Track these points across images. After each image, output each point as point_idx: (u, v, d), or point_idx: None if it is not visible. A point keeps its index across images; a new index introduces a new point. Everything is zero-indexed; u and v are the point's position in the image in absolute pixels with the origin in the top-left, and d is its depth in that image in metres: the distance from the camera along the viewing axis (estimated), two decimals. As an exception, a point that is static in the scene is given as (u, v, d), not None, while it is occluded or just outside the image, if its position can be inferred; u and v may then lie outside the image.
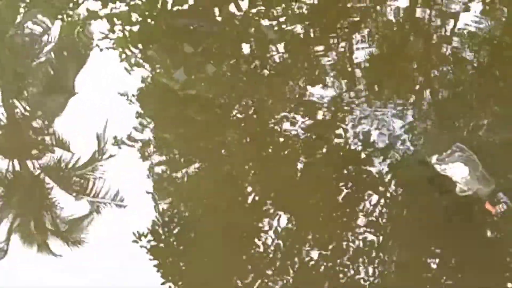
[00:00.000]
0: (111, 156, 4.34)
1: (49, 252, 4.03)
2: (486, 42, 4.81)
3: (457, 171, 3.94)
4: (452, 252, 3.81)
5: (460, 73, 4.63)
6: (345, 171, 4.13)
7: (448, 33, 4.91)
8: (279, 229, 3.95)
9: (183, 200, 4.14)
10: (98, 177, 4.28)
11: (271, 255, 3.89)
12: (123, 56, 4.82)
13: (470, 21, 4.93)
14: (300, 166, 4.20)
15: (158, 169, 4.28)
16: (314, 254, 3.87)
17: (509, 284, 3.69)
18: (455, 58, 4.71)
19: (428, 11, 5.09)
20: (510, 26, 4.93)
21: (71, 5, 5.17)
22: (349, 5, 5.09)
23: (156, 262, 3.95)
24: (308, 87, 4.58)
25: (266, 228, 3.97)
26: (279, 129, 4.36)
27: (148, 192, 4.16)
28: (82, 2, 5.20)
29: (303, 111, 4.43)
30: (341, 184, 4.07)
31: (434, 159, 4.01)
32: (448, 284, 3.73)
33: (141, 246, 3.99)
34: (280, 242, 3.93)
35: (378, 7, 5.12)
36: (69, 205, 4.23)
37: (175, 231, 4.02)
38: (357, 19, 5.02)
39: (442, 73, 4.65)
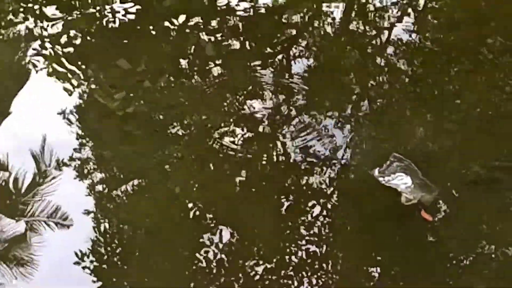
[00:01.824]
0: (53, 178, 4.27)
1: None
2: (419, 51, 4.93)
3: (401, 181, 4.00)
4: (394, 259, 3.85)
5: (395, 82, 4.73)
6: (286, 184, 4.15)
7: (382, 44, 5.01)
8: (221, 245, 3.94)
9: (125, 219, 4.10)
10: (39, 199, 4.20)
11: (214, 271, 3.87)
12: (59, 75, 4.78)
13: (403, 31, 5.05)
14: (241, 179, 4.20)
15: (98, 188, 4.22)
16: (259, 268, 3.87)
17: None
18: (390, 68, 4.81)
19: (362, 23, 5.18)
20: (439, 35, 5.06)
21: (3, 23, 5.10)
22: (284, 19, 5.15)
23: (100, 283, 3.89)
24: (247, 101, 4.60)
25: (208, 243, 3.95)
26: (219, 144, 4.36)
27: (89, 212, 4.10)
28: (20, 22, 5.14)
29: (243, 125, 4.44)
30: (282, 196, 4.09)
31: (376, 172, 4.07)
32: (390, 292, 3.78)
33: (84, 267, 3.93)
34: (223, 256, 3.91)
35: (314, 21, 5.19)
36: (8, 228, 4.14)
37: (118, 250, 3.97)
38: (294, 32, 5.08)
39: (378, 83, 4.73)
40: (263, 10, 5.28)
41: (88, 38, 5.07)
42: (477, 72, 4.76)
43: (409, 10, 5.31)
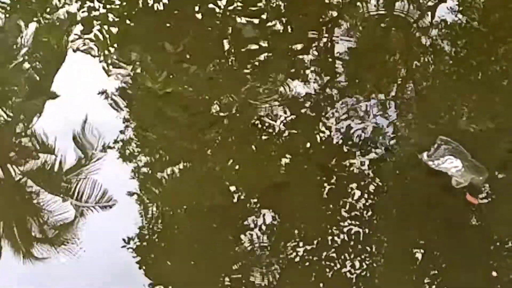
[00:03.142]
0: (98, 159, 4.33)
1: (35, 260, 4.01)
2: (464, 31, 4.86)
3: (451, 165, 3.97)
4: (437, 242, 3.83)
5: (440, 63, 4.67)
6: (329, 166, 4.14)
7: (427, 25, 4.95)
8: (264, 227, 3.96)
9: (167, 200, 4.14)
10: (84, 181, 4.26)
11: (258, 252, 3.90)
12: (102, 57, 4.82)
13: (447, 11, 4.98)
14: (284, 162, 4.21)
15: (142, 170, 4.27)
16: (300, 249, 3.89)
17: (493, 273, 3.72)
18: (434, 49, 4.75)
19: (406, 4, 5.11)
20: (485, 15, 4.98)
21: (48, 9, 5.15)
22: (328, 1, 5.12)
23: (139, 259, 3.94)
24: (289, 83, 4.59)
25: (252, 226, 3.98)
26: (261, 127, 4.37)
27: (132, 193, 4.15)
28: (62, 6, 5.18)
29: (285, 107, 4.44)
30: (325, 179, 4.09)
31: (425, 156, 4.03)
32: (434, 274, 3.76)
33: (128, 248, 3.99)
34: (266, 239, 3.93)
35: (358, 2, 5.15)
36: (56, 210, 4.21)
37: (159, 229, 4.01)
38: (336, 13, 5.05)
39: (422, 65, 4.68)
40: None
41: (132, 20, 5.11)
42: (525, 52, 4.69)
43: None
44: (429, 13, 5.03)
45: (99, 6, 5.11)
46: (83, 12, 5.10)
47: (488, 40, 4.78)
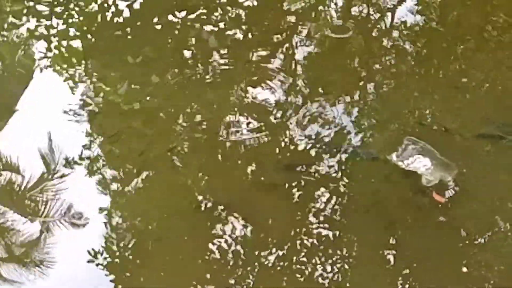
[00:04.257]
0: (63, 175, 4.28)
1: (3, 280, 3.95)
2: (424, 32, 4.92)
3: (420, 164, 3.99)
4: (408, 242, 3.85)
5: (401, 64, 4.71)
6: (296, 171, 4.15)
7: (387, 26, 5.00)
8: (234, 235, 3.95)
9: (136, 213, 4.11)
10: (51, 197, 4.21)
11: (229, 262, 3.88)
12: (64, 72, 4.78)
13: (407, 12, 5.04)
14: (251, 169, 4.20)
15: (110, 184, 4.24)
16: (272, 256, 3.88)
17: (464, 269, 3.75)
18: (395, 50, 4.79)
19: (365, 7, 5.17)
20: (442, 15, 5.05)
21: (5, 26, 5.10)
22: (286, 7, 5.15)
23: (109, 274, 3.91)
24: (252, 90, 4.60)
25: (222, 234, 3.96)
26: (227, 134, 4.36)
27: (102, 209, 4.12)
28: (22, 24, 5.14)
29: (249, 115, 4.44)
30: (293, 184, 4.09)
31: (394, 157, 4.05)
32: (406, 274, 3.78)
33: (97, 264, 3.94)
34: (237, 247, 3.92)
35: (318, 7, 5.18)
36: (23, 228, 4.15)
37: (130, 245, 3.98)
38: (295, 19, 5.08)
39: (384, 66, 4.72)
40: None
41: (92, 35, 5.08)
42: (483, 50, 4.74)
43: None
44: (389, 14, 5.09)
45: (58, 23, 5.08)
46: (41, 28, 5.08)
47: (447, 39, 4.85)
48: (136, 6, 5.22)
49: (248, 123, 4.40)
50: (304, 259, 3.84)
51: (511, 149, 4.15)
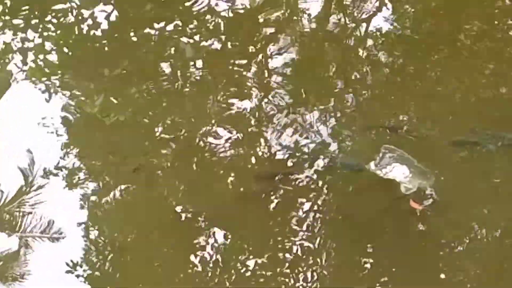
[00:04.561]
0: (40, 187, 4.26)
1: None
2: (399, 41, 4.97)
3: (398, 172, 4.01)
4: (386, 250, 3.88)
5: (377, 73, 4.75)
6: (275, 180, 4.17)
7: (362, 36, 5.04)
8: (214, 246, 3.95)
9: (115, 225, 4.10)
10: (29, 212, 4.19)
11: (209, 273, 3.88)
12: (41, 86, 4.77)
13: (382, 21, 5.08)
14: (229, 180, 4.21)
15: (88, 197, 4.22)
16: (251, 263, 3.89)
17: (442, 275, 3.78)
18: (371, 59, 4.84)
19: (341, 17, 5.21)
20: (416, 24, 5.11)
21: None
22: (262, 18, 5.18)
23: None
24: (230, 100, 4.61)
25: (203, 244, 3.97)
26: (205, 146, 4.37)
27: (80, 223, 4.10)
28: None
29: (228, 125, 4.46)
30: (271, 194, 4.11)
31: (372, 165, 4.07)
32: (385, 281, 3.80)
33: (77, 276, 3.93)
34: (217, 257, 3.92)
35: (293, 17, 5.22)
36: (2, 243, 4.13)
37: (110, 257, 3.97)
38: (273, 30, 5.11)
39: (361, 75, 4.76)
40: (241, 11, 5.29)
41: (68, 47, 5.07)
42: (457, 58, 4.79)
43: (387, 0, 5.33)
44: (364, 24, 5.13)
45: (34, 37, 5.08)
46: (17, 42, 5.06)
47: (421, 48, 4.90)
48: (113, 18, 5.22)
49: (226, 134, 4.41)
50: (284, 268, 3.86)
51: (486, 155, 4.19)
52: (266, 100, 4.63)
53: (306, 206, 4.06)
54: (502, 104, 4.46)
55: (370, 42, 4.97)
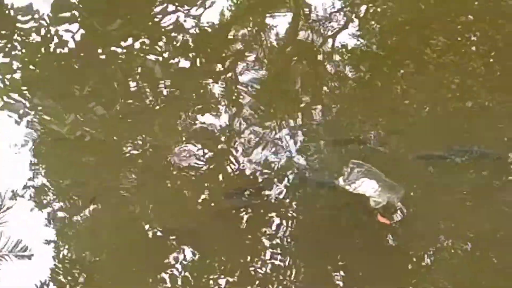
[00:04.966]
0: (8, 208, 4.22)
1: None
2: (365, 56, 5.02)
3: (368, 186, 4.04)
4: (357, 264, 3.89)
5: (345, 88, 4.79)
6: (244, 197, 4.17)
7: (329, 51, 5.08)
8: (184, 264, 3.94)
9: (85, 244, 4.07)
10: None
11: (180, 289, 3.88)
12: (8, 105, 4.74)
13: (348, 37, 5.14)
14: (200, 196, 4.21)
15: (57, 216, 4.18)
16: (222, 282, 3.88)
17: (410, 288, 3.82)
18: (338, 74, 4.88)
19: (309, 33, 5.25)
20: (382, 40, 5.17)
21: None
22: (231, 35, 5.21)
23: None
24: (200, 117, 4.62)
25: (173, 262, 3.95)
26: (175, 165, 4.36)
27: (49, 241, 4.06)
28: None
29: (197, 142, 4.46)
30: (241, 210, 4.11)
31: (341, 181, 4.09)
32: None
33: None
34: (187, 275, 3.91)
35: (261, 33, 5.25)
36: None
37: (78, 277, 3.94)
38: (241, 46, 5.13)
39: (330, 90, 4.79)
40: (208, 28, 5.32)
41: (36, 66, 5.05)
42: (423, 73, 4.84)
43: (353, 16, 5.38)
44: (331, 40, 5.18)
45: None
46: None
47: (388, 63, 4.96)
48: (79, 36, 5.21)
49: (196, 151, 4.41)
50: (255, 285, 3.85)
51: (453, 168, 4.23)
52: (235, 116, 4.64)
53: (276, 222, 4.06)
54: (469, 117, 4.53)
55: (337, 57, 5.02)
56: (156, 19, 5.34)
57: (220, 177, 4.30)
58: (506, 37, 5.06)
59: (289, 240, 3.99)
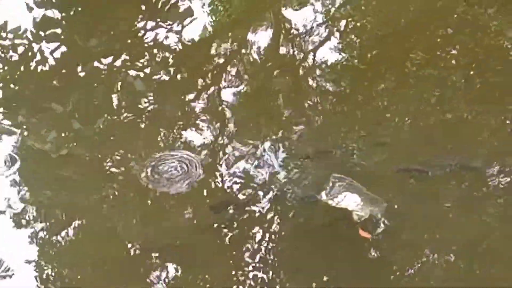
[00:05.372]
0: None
1: None
2: (346, 70, 5.05)
3: (350, 200, 4.05)
4: (341, 278, 3.89)
5: (326, 103, 4.81)
6: (227, 213, 4.17)
7: (311, 66, 5.11)
8: (167, 280, 3.92)
9: (68, 263, 4.04)
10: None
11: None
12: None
13: (329, 52, 5.16)
14: (183, 212, 4.19)
15: (39, 234, 4.16)
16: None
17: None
18: (320, 89, 4.90)
19: (290, 48, 5.28)
20: (363, 53, 5.20)
21: None
22: (213, 50, 5.23)
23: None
24: (182, 133, 4.62)
25: (155, 281, 3.93)
26: (158, 180, 4.34)
27: (30, 261, 4.03)
28: None
29: (179, 158, 4.44)
30: (225, 226, 4.10)
31: (323, 196, 4.09)
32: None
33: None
34: (171, 292, 3.90)
35: (242, 49, 5.27)
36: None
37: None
38: (223, 61, 5.15)
39: (312, 105, 4.81)
40: (190, 43, 5.33)
41: (16, 84, 5.03)
42: (403, 86, 4.88)
43: (334, 30, 5.42)
44: (312, 54, 5.20)
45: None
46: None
47: (368, 77, 4.99)
48: (59, 54, 5.21)
49: (179, 168, 4.41)
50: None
51: (435, 180, 4.25)
52: (218, 131, 4.64)
53: (259, 237, 4.06)
54: (449, 130, 4.56)
55: (318, 72, 5.04)
56: (138, 35, 5.35)
57: (204, 192, 4.29)
58: (485, 49, 5.12)
59: (272, 255, 3.99)
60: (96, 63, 5.08)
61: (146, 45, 5.28)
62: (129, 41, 5.31)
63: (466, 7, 5.44)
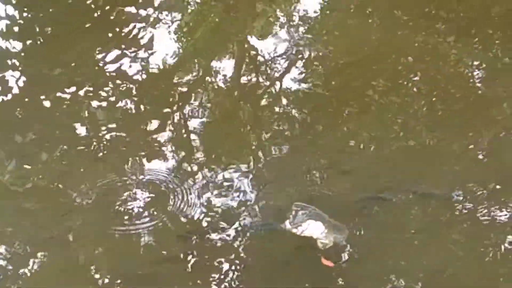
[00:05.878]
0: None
1: None
2: (310, 98, 5.08)
3: (314, 228, 4.03)
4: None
5: (291, 130, 4.83)
6: (191, 241, 4.14)
7: (276, 93, 5.13)
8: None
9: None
10: None
11: None
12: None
13: (293, 80, 5.21)
14: (147, 241, 4.16)
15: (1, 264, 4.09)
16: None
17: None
18: (284, 116, 4.92)
19: (254, 76, 5.31)
20: (327, 81, 5.26)
21: None
22: (177, 79, 5.23)
23: None
24: (146, 162, 4.59)
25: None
26: (122, 210, 4.31)
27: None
28: None
29: (144, 187, 4.43)
30: (189, 254, 4.07)
31: (287, 224, 4.07)
32: None
33: None
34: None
35: (206, 78, 5.29)
36: None
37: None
38: (186, 89, 5.16)
39: (275, 133, 4.82)
40: (154, 71, 5.33)
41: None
42: (367, 113, 4.91)
43: (298, 59, 5.46)
44: (278, 82, 5.24)
45: None
46: None
47: (332, 104, 5.04)
48: (22, 83, 5.17)
49: (142, 196, 4.37)
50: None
51: (400, 207, 4.27)
52: (183, 160, 4.63)
53: (225, 267, 4.03)
54: (412, 157, 4.59)
55: (283, 99, 5.07)
56: (100, 65, 5.34)
57: (169, 222, 4.25)
58: (446, 77, 5.20)
59: (238, 284, 3.96)
60: (59, 93, 5.05)
61: (108, 74, 5.27)
62: (91, 70, 5.29)
63: (426, 36, 5.53)
